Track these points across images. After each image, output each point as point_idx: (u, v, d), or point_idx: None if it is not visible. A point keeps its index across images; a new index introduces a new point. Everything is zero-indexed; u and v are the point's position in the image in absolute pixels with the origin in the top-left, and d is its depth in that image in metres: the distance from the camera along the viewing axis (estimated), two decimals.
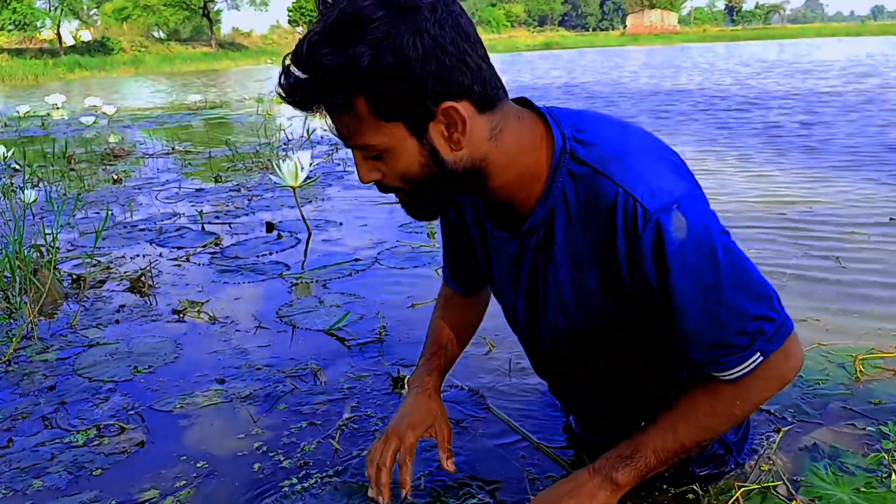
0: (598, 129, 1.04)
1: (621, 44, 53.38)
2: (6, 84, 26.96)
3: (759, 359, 1.04)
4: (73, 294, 2.72)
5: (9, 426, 1.77)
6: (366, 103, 0.92)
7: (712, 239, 0.97)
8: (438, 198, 1.07)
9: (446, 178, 1.00)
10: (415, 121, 0.94)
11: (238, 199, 4.43)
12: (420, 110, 0.93)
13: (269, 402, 1.82)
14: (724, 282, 0.99)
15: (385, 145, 0.96)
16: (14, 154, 5.78)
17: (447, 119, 0.94)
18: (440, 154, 0.97)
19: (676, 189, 0.97)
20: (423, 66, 0.89)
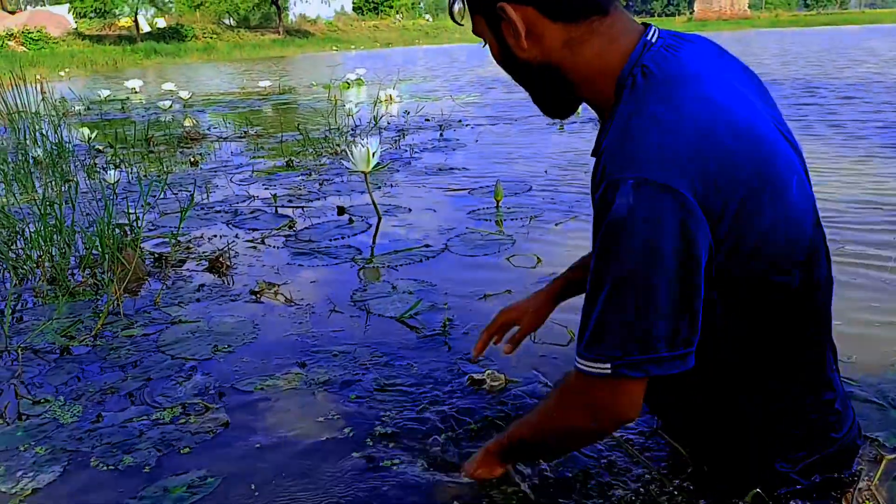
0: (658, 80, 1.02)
1: (688, 30, 51.95)
2: (88, 69, 27.97)
3: (606, 371, 1.00)
4: (156, 272, 2.81)
5: (99, 399, 1.84)
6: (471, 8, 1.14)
7: (645, 243, 0.93)
8: (542, 93, 1.18)
9: (528, 72, 1.13)
10: (489, 17, 1.10)
11: (309, 183, 4.50)
12: (489, 8, 1.08)
13: (347, 389, 1.83)
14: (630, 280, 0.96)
15: (480, 34, 1.16)
16: (97, 136, 6.02)
17: (507, 18, 1.07)
18: (511, 49, 1.11)
19: (654, 175, 0.93)
20: None
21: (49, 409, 1.79)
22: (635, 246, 0.93)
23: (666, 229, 0.93)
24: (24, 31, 35.68)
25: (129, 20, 44.13)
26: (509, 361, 1.83)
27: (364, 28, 57.84)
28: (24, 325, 2.33)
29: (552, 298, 1.54)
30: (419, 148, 5.74)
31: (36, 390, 1.90)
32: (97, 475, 1.52)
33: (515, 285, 2.49)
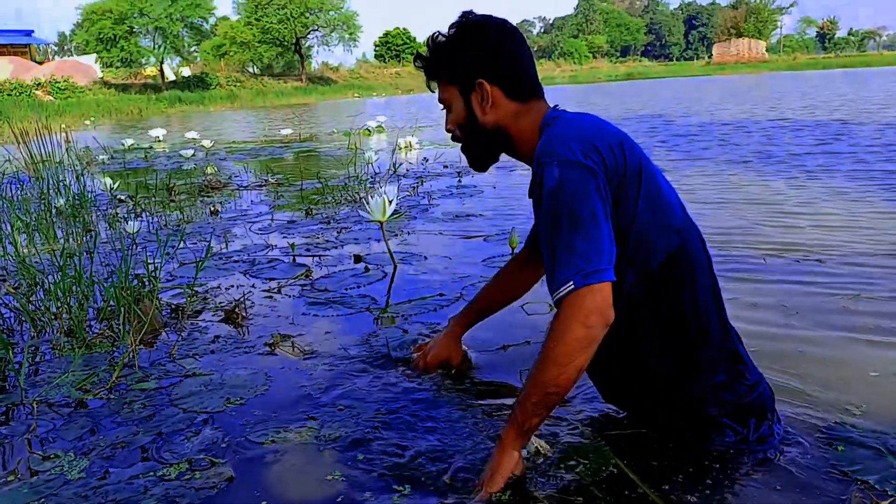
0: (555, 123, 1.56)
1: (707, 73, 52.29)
2: (113, 118, 28.64)
3: (571, 286, 1.36)
4: (172, 323, 2.82)
5: (109, 454, 1.83)
6: (445, 72, 1.66)
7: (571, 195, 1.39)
8: (483, 150, 1.71)
9: (482, 132, 1.65)
10: (463, 87, 1.64)
11: (328, 231, 4.53)
12: (466, 81, 1.63)
13: (356, 448, 1.79)
14: (564, 222, 1.39)
15: (449, 100, 1.69)
16: (119, 185, 6.12)
17: (480, 90, 1.61)
18: (475, 114, 1.64)
19: (564, 154, 1.43)
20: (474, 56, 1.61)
21: (58, 465, 1.78)
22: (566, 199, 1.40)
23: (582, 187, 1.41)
24: (51, 81, 36.69)
25: (154, 69, 45.28)
26: None
27: (386, 75, 58.87)
28: (40, 377, 2.34)
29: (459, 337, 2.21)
30: (437, 195, 5.78)
31: (48, 445, 1.90)
32: None
33: (532, 333, 2.48)
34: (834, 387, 1.98)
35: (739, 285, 2.90)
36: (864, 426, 1.75)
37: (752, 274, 3.07)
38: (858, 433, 1.72)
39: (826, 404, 1.88)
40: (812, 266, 3.14)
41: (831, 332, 2.40)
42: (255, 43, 50.83)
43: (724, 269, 3.16)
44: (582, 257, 1.36)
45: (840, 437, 1.70)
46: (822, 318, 2.52)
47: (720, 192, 5.20)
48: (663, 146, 8.40)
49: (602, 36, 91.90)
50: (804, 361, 2.18)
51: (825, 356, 2.21)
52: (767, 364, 2.12)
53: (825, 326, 2.45)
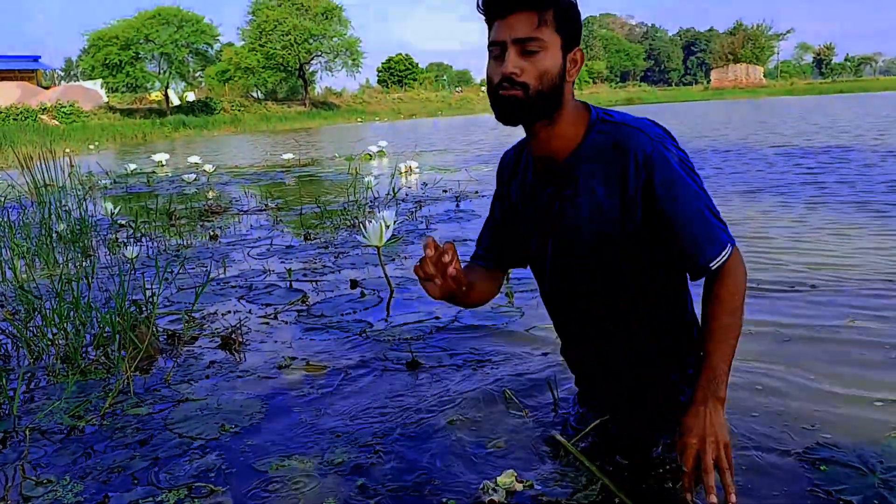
0: (617, 114, 1.57)
1: (705, 98, 52.57)
2: (117, 142, 28.83)
3: (730, 248, 1.50)
4: (168, 349, 2.84)
5: (105, 479, 1.84)
6: (553, 13, 1.44)
7: (691, 166, 1.52)
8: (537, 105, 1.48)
9: (556, 92, 1.48)
10: (567, 42, 1.48)
11: (325, 256, 4.56)
12: (572, 39, 1.49)
13: (358, 474, 1.80)
14: (701, 193, 1.49)
15: (549, 44, 1.45)
16: (121, 210, 6.15)
17: (574, 58, 1.51)
18: (564, 72, 1.49)
19: (667, 138, 1.53)
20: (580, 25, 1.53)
21: (52, 489, 1.79)
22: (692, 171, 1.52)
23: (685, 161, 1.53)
24: (56, 106, 36.98)
25: (159, 94, 45.65)
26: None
27: (388, 100, 59.23)
28: (34, 404, 2.35)
29: None
30: (435, 219, 5.81)
31: (41, 471, 1.90)
32: None
33: (522, 357, 2.49)
34: (818, 409, 2.01)
35: None
36: (846, 446, 1.78)
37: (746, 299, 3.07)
38: (841, 453, 1.75)
39: (810, 425, 1.91)
40: (805, 292, 3.15)
41: (821, 356, 2.42)
42: (259, 68, 51.23)
43: None
44: (723, 223, 1.51)
45: (823, 457, 1.74)
46: (813, 344, 2.53)
47: None
48: None
49: (602, 61, 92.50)
50: (791, 384, 2.19)
51: (812, 379, 2.23)
52: (751, 387, 2.18)
53: (815, 351, 2.47)
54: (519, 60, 1.44)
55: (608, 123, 1.54)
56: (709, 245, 1.47)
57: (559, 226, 1.62)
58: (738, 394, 2.11)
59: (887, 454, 1.72)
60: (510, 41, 1.43)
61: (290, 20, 50.98)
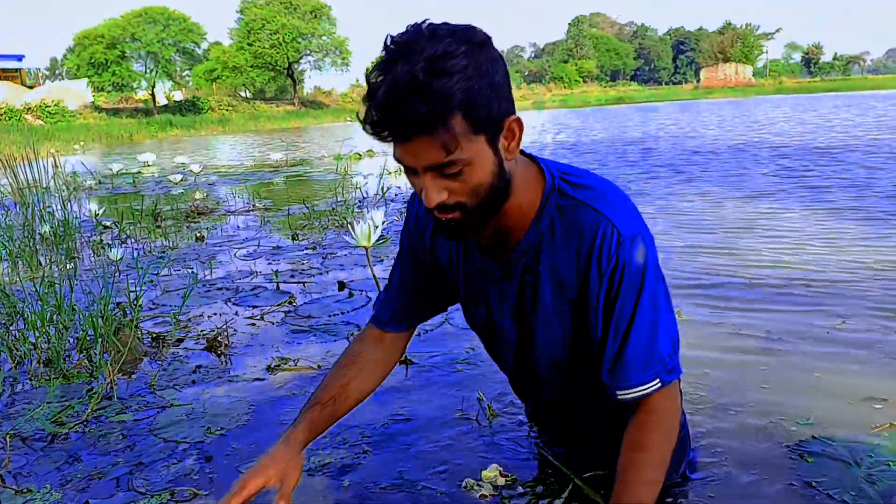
0: (579, 173, 1.28)
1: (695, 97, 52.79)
2: (103, 142, 28.61)
3: (657, 385, 1.24)
4: (153, 353, 2.80)
5: (85, 486, 1.81)
6: (461, 118, 1.07)
7: (658, 274, 1.24)
8: (488, 214, 1.21)
9: (503, 187, 1.18)
10: (493, 133, 1.12)
11: (313, 257, 4.52)
12: (497, 122, 1.12)
13: (345, 474, 1.80)
14: (657, 312, 1.23)
15: (471, 157, 1.11)
16: (105, 211, 6.10)
17: (509, 131, 1.15)
18: (504, 163, 1.16)
19: (641, 226, 1.23)
20: (500, 88, 1.10)
21: (31, 499, 1.75)
22: (656, 280, 1.24)
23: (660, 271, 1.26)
24: (41, 105, 36.69)
25: (146, 94, 45.39)
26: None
27: None
28: (14, 409, 2.31)
29: (300, 449, 1.42)
30: None
31: (21, 479, 1.87)
32: None
33: None
34: (811, 405, 2.02)
35: (725, 312, 2.90)
36: (836, 441, 1.81)
37: (738, 299, 3.07)
38: (830, 447, 1.78)
39: (801, 421, 1.93)
40: (799, 291, 3.14)
41: (811, 355, 2.41)
42: (248, 67, 51.02)
43: (710, 293, 3.17)
44: (665, 352, 1.24)
45: (811, 451, 1.77)
46: (807, 342, 2.53)
47: (706, 215, 5.23)
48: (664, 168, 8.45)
49: (592, 61, 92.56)
50: (782, 382, 2.20)
51: (806, 377, 2.23)
52: (745, 384, 2.19)
53: (806, 350, 2.46)
54: (440, 184, 1.13)
55: (567, 197, 1.24)
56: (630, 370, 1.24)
57: (520, 317, 1.37)
58: (732, 389, 2.14)
59: (876, 450, 1.75)
60: (421, 169, 1.11)
61: (278, 19, 50.83)
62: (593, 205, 1.22)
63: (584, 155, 10.96)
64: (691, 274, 3.54)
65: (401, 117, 1.04)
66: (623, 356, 1.24)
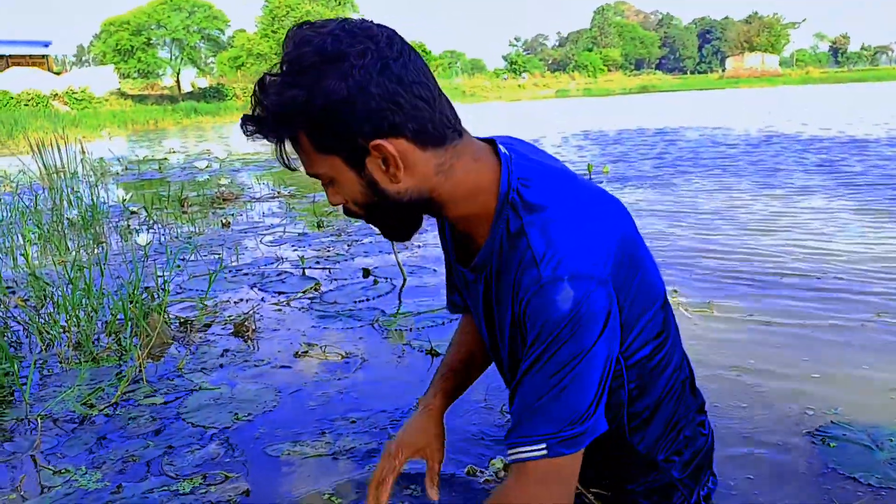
0: (543, 185, 1.11)
1: (720, 86, 52.14)
2: (129, 128, 28.87)
3: (543, 451, 1.04)
4: (181, 337, 2.81)
5: (120, 468, 1.83)
6: (307, 138, 1.03)
7: (581, 336, 1.01)
8: (400, 223, 1.15)
9: (395, 207, 1.09)
10: (350, 155, 1.04)
11: (338, 244, 4.52)
12: (353, 146, 1.02)
13: (371, 458, 1.81)
14: (569, 371, 1.02)
15: (329, 176, 1.07)
16: (132, 197, 6.15)
17: (381, 154, 1.03)
18: (379, 185, 1.06)
19: (580, 268, 1.02)
20: (349, 107, 0.99)
21: (69, 479, 1.77)
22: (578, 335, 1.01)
23: (600, 319, 1.03)
24: (68, 92, 37.11)
25: (171, 80, 45.74)
26: None
27: None
28: (46, 391, 2.33)
29: (441, 418, 1.44)
30: None
31: (56, 460, 1.89)
32: None
33: None
34: (837, 394, 2.04)
35: (757, 303, 2.87)
36: (859, 427, 1.82)
37: (770, 291, 3.03)
38: (853, 433, 1.80)
39: (827, 409, 1.95)
40: (833, 283, 3.09)
41: (844, 346, 2.39)
42: (272, 55, 51.14)
43: (742, 284, 3.13)
44: (567, 416, 1.04)
45: (834, 435, 1.80)
46: (838, 334, 2.50)
47: (737, 206, 5.16)
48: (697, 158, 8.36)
49: (616, 49, 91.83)
50: (811, 372, 2.19)
51: (834, 367, 2.23)
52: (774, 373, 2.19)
53: (839, 341, 2.44)
54: (331, 191, 1.11)
55: (515, 215, 1.09)
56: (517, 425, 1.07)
57: (489, 326, 1.26)
58: (761, 378, 2.15)
59: None
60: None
61: (302, 6, 50.86)
62: (529, 233, 1.06)
63: (609, 146, 10.86)
64: (723, 264, 3.50)
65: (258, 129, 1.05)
66: (515, 407, 1.08)
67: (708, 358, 2.31)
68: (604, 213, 1.12)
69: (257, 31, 53.56)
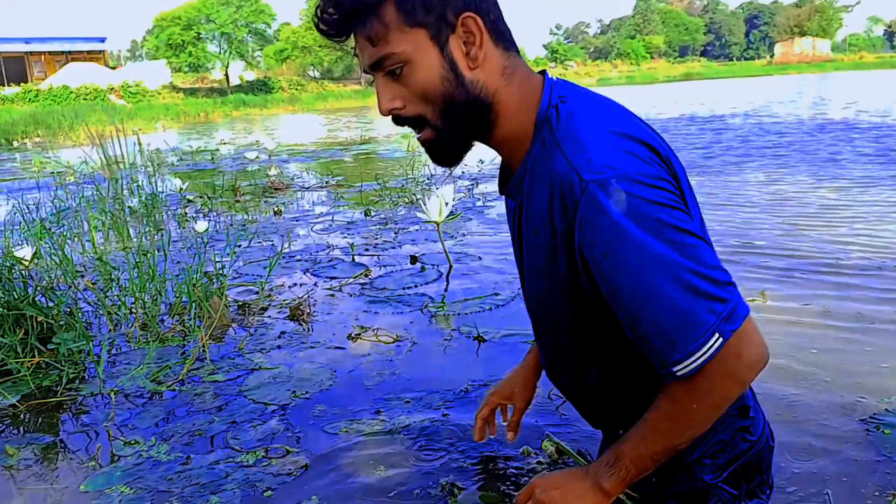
0: (578, 103, 1.06)
1: (768, 73, 50.83)
2: (181, 120, 29.51)
3: (719, 342, 0.96)
4: (240, 319, 2.94)
5: (187, 441, 1.94)
6: (394, 7, 0.99)
7: (652, 211, 0.95)
8: (457, 128, 1.09)
9: (463, 100, 1.05)
10: (437, 28, 1.01)
11: (386, 231, 4.63)
12: (442, 17, 1.00)
13: (423, 436, 1.88)
14: (667, 257, 0.95)
15: (407, 54, 1.02)
16: (188, 186, 6.34)
17: (466, 31, 1.01)
18: (459, 67, 1.03)
19: (621, 166, 0.96)
20: None
21: (140, 451, 1.89)
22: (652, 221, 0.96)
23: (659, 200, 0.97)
24: (123, 85, 38.05)
25: (220, 74, 46.50)
26: None
27: None
28: (116, 369, 2.47)
29: (532, 372, 1.54)
30: (492, 196, 5.82)
31: (128, 432, 2.01)
32: None
33: None
34: (885, 380, 2.06)
35: (813, 292, 2.88)
36: None
37: (828, 280, 3.03)
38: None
39: (875, 394, 1.97)
40: (892, 273, 3.07)
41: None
42: (316, 47, 51.63)
43: (799, 274, 3.13)
44: (712, 297, 0.96)
45: (889, 422, 1.81)
46: (891, 324, 2.50)
47: (793, 195, 5.11)
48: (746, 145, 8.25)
49: (660, 36, 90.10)
50: (866, 363, 2.19)
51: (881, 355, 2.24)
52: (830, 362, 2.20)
53: (891, 330, 2.44)
54: (390, 88, 1.07)
55: (551, 131, 1.05)
56: (677, 341, 0.97)
57: (521, 250, 1.21)
58: (817, 368, 2.16)
59: None
60: (367, 69, 1.07)
61: None
62: (564, 147, 1.01)
63: None
64: (775, 255, 3.48)
65: (335, 9, 1.01)
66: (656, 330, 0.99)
67: None
68: (644, 126, 1.08)
69: (302, 24, 54.08)
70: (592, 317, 1.12)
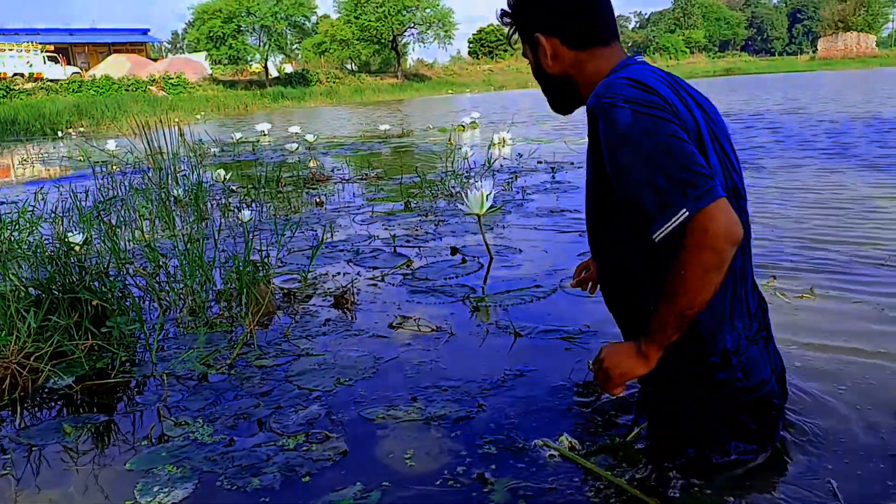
0: (622, 73, 1.49)
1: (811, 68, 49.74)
2: (221, 112, 29.94)
3: (684, 214, 1.29)
4: (285, 307, 2.99)
5: (232, 423, 1.99)
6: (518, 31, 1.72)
7: (647, 122, 1.36)
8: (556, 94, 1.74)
9: (550, 81, 1.70)
10: (531, 44, 1.68)
11: (426, 223, 4.65)
12: (530, 38, 1.67)
13: (459, 425, 1.90)
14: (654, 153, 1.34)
15: (525, 54, 1.74)
16: (231, 176, 6.44)
17: (539, 45, 1.65)
18: (542, 64, 1.68)
19: (626, 93, 1.40)
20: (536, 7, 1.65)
21: (187, 432, 1.95)
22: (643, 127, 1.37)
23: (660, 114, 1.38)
24: (164, 77, 38.69)
25: (259, 66, 46.99)
26: None
27: (479, 71, 59.00)
28: (165, 353, 2.54)
29: None
30: (531, 190, 5.81)
31: (177, 413, 2.07)
32: (226, 495, 1.65)
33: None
34: None
35: (860, 290, 2.83)
36: None
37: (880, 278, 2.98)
38: None
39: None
40: None
41: None
42: (354, 41, 51.88)
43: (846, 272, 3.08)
44: (685, 183, 1.30)
45: None
46: None
47: (838, 192, 5.01)
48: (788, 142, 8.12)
49: (700, 30, 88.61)
50: None
51: None
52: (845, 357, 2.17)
53: None
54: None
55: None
56: (657, 214, 1.33)
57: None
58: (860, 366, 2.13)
59: None
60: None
61: None
62: (597, 89, 1.47)
63: None
64: (826, 252, 3.42)
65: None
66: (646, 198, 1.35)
67: (802, 338, 2.31)
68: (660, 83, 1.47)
69: (340, 17, 54.40)
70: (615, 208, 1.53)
